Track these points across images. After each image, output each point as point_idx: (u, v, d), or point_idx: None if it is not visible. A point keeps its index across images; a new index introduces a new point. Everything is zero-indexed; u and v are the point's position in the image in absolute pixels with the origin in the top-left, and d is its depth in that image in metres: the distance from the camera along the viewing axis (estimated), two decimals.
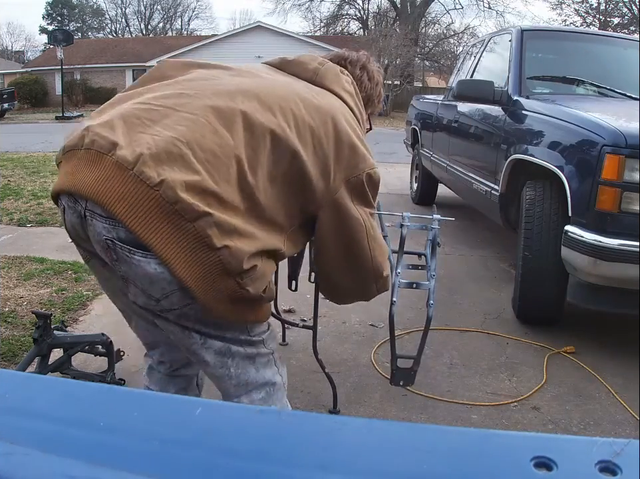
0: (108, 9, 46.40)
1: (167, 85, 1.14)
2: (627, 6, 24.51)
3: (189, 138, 0.99)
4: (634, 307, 2.31)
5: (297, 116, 1.11)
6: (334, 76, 1.29)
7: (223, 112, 1.04)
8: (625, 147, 2.24)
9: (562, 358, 2.54)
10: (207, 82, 1.14)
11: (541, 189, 2.74)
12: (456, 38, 27.67)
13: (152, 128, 1.00)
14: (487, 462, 0.37)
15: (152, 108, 1.04)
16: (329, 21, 33.13)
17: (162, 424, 0.42)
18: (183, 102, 1.05)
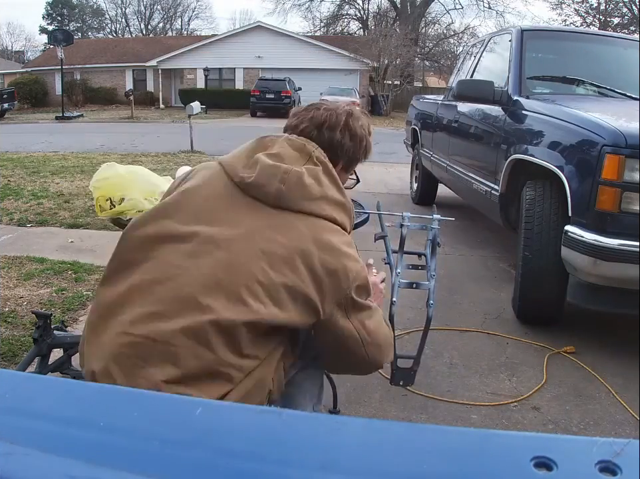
0: (108, 9, 46.47)
1: (131, 292, 1.10)
2: (627, 6, 24.53)
3: (174, 376, 1.01)
4: (634, 307, 2.31)
5: (268, 284, 1.06)
6: (299, 192, 1.13)
7: (195, 330, 1.03)
8: (625, 147, 2.24)
9: (562, 358, 2.54)
10: (165, 289, 1.07)
11: (541, 189, 2.74)
12: (456, 38, 27.71)
13: (145, 369, 1.03)
14: (487, 462, 0.37)
15: (136, 341, 1.04)
16: (329, 21, 33.19)
17: (162, 424, 0.42)
18: (154, 332, 1.04)
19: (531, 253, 2.68)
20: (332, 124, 1.27)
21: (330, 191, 1.18)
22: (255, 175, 1.13)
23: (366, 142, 1.35)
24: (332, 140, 1.27)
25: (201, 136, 10.47)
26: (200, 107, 9.93)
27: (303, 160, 1.18)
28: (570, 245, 2.42)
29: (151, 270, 1.09)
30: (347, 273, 1.13)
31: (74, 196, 5.47)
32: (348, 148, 1.30)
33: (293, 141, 1.21)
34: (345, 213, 1.21)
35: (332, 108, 1.31)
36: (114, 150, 9.93)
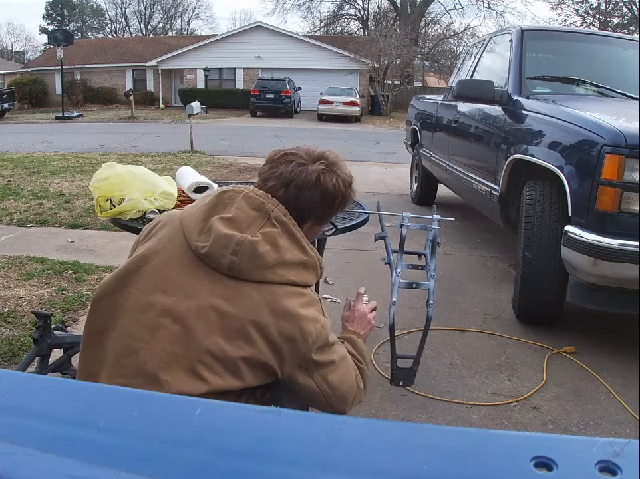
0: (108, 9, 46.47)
1: (103, 362, 1.12)
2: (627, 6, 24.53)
3: None
4: (634, 307, 2.31)
5: (224, 358, 1.07)
6: (252, 263, 1.11)
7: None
8: (625, 147, 2.24)
9: (562, 358, 2.54)
10: (131, 362, 1.09)
11: (541, 189, 2.74)
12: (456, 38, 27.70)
13: None
14: (487, 462, 0.37)
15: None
16: (329, 21, 33.17)
17: (162, 424, 0.42)
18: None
19: (531, 253, 2.68)
20: (301, 182, 1.19)
21: (289, 253, 1.14)
22: (207, 246, 1.12)
23: (340, 198, 1.24)
24: (299, 199, 1.19)
25: (201, 136, 10.47)
26: (200, 107, 9.93)
27: (261, 221, 1.14)
28: (570, 245, 2.42)
29: (118, 341, 1.12)
30: (306, 337, 1.12)
31: (74, 196, 5.47)
32: (316, 207, 1.21)
33: (251, 198, 1.16)
34: (307, 270, 1.17)
35: (305, 163, 1.21)
36: (114, 150, 9.93)
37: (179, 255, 1.15)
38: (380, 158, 9.83)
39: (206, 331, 1.08)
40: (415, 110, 6.11)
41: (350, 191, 1.27)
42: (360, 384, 1.27)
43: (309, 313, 1.13)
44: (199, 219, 1.17)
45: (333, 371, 1.18)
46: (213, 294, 1.11)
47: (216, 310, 1.09)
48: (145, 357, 1.08)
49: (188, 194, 2.20)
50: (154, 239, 1.21)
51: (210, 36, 27.29)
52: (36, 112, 21.72)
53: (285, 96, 20.07)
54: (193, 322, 1.09)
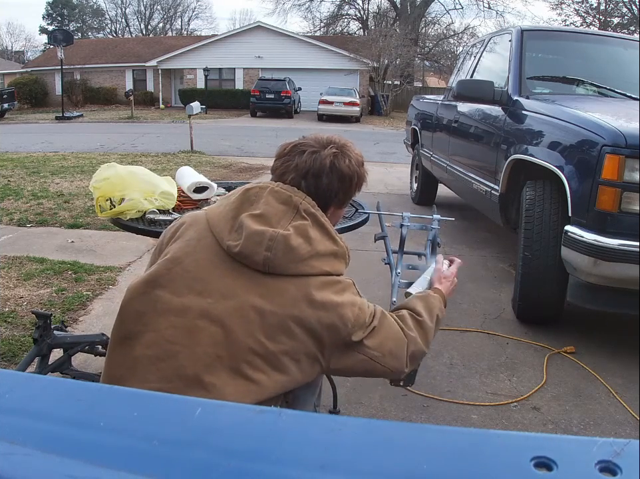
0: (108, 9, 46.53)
1: (134, 366, 1.12)
2: (627, 6, 24.53)
3: None
4: (634, 307, 2.31)
5: (267, 354, 1.08)
6: (287, 257, 1.11)
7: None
8: (625, 147, 2.24)
9: (562, 358, 2.54)
10: (168, 366, 1.08)
11: (541, 189, 2.74)
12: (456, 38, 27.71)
13: None
14: (487, 462, 0.37)
15: None
16: (329, 21, 33.17)
17: (162, 424, 0.42)
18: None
19: (531, 253, 2.68)
20: (317, 170, 1.21)
21: (321, 244, 1.16)
22: (240, 244, 1.12)
23: (357, 178, 1.27)
24: (319, 186, 1.21)
25: (201, 136, 10.47)
26: (200, 107, 9.93)
27: (291, 214, 1.15)
28: (570, 245, 2.42)
29: (151, 345, 1.11)
30: (345, 322, 1.14)
31: (74, 196, 5.47)
32: (338, 191, 1.24)
33: (278, 193, 1.17)
34: (338, 259, 1.19)
35: (317, 150, 1.22)
36: (114, 150, 9.93)
37: (210, 255, 1.15)
38: (380, 158, 9.83)
39: (246, 330, 1.08)
40: (415, 110, 6.11)
41: (364, 170, 1.29)
42: (411, 333, 1.26)
43: (345, 299, 1.15)
44: (227, 218, 1.17)
45: (373, 336, 1.20)
46: (250, 292, 1.11)
47: (254, 308, 1.09)
48: (184, 361, 1.08)
49: (188, 194, 2.20)
50: (180, 241, 1.20)
51: (210, 36, 27.28)
52: (36, 112, 21.73)
53: (285, 96, 20.07)
54: (232, 322, 1.09)
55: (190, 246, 1.18)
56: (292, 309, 1.10)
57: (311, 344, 1.12)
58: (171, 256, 1.18)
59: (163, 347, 1.10)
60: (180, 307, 1.11)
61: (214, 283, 1.13)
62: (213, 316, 1.10)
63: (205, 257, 1.15)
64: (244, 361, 1.07)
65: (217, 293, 1.11)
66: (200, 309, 1.10)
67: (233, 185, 2.47)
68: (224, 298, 1.11)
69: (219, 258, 1.15)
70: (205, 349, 1.08)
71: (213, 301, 1.11)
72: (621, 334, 2.82)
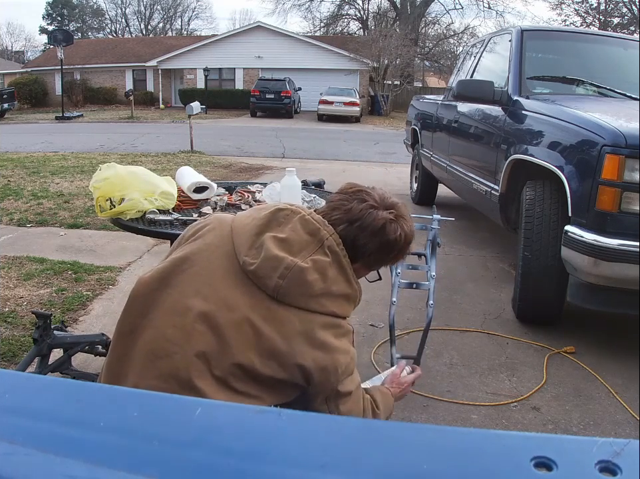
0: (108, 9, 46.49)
1: (134, 359, 1.14)
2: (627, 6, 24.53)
3: None
4: (634, 307, 2.31)
5: (255, 374, 1.09)
6: (299, 289, 1.10)
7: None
8: (625, 147, 2.24)
9: (562, 358, 2.54)
10: (164, 365, 1.10)
11: (541, 189, 2.74)
12: (456, 38, 27.72)
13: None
14: (487, 462, 0.37)
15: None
16: (329, 21, 33.17)
17: (162, 424, 0.42)
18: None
19: (531, 253, 2.68)
20: (366, 224, 1.18)
21: (336, 285, 1.14)
22: (256, 264, 1.11)
23: (397, 252, 1.24)
24: (358, 240, 1.18)
25: (201, 136, 10.47)
26: (200, 107, 9.93)
27: (314, 247, 1.13)
28: (570, 245, 2.42)
29: (151, 342, 1.12)
30: (337, 368, 1.13)
31: (74, 196, 5.47)
32: (373, 253, 1.20)
33: (308, 222, 1.15)
34: (348, 302, 1.18)
35: (376, 207, 1.19)
36: (114, 150, 9.93)
37: (225, 264, 1.15)
38: (380, 158, 9.83)
39: (240, 345, 1.08)
40: (415, 110, 6.11)
41: (408, 249, 1.26)
42: (369, 416, 1.28)
43: (342, 345, 1.14)
44: (251, 234, 1.16)
45: (347, 401, 1.20)
46: (254, 311, 1.10)
47: (254, 327, 1.09)
48: (178, 362, 1.09)
49: (188, 194, 2.20)
50: (200, 241, 1.20)
51: (210, 36, 27.28)
52: (36, 112, 21.72)
53: (285, 96, 20.07)
54: (230, 335, 1.09)
55: (209, 250, 1.17)
56: (290, 341, 1.09)
57: (299, 378, 1.12)
58: (186, 255, 1.18)
59: (161, 345, 1.11)
60: (184, 308, 1.12)
61: (221, 292, 1.12)
62: (213, 323, 1.10)
63: (219, 265, 1.15)
64: (231, 374, 1.08)
65: (222, 303, 1.11)
66: (201, 313, 1.10)
67: (233, 185, 2.47)
68: (228, 309, 1.11)
69: (233, 270, 1.14)
70: (198, 354, 1.08)
71: (216, 308, 1.11)
72: (621, 334, 2.82)
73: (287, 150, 10.40)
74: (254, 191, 2.36)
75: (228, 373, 1.08)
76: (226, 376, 1.08)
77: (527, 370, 2.41)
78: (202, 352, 1.08)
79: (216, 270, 1.14)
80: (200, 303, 1.11)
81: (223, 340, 1.09)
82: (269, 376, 1.09)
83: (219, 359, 1.08)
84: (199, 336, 1.09)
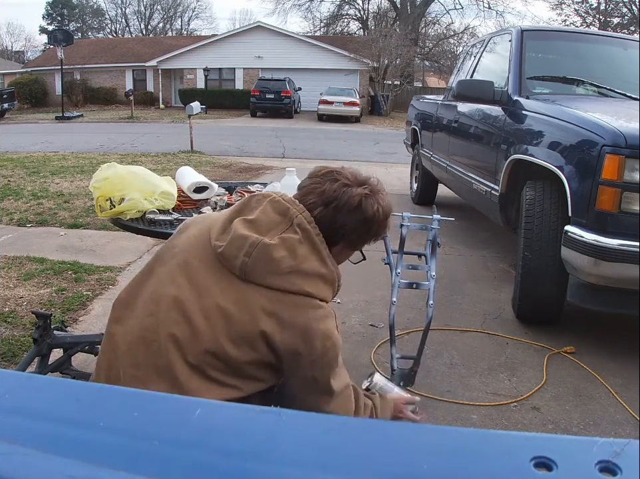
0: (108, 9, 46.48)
1: (121, 347, 1.15)
2: (627, 6, 24.52)
3: None
4: (634, 307, 2.31)
5: (228, 360, 1.08)
6: (265, 266, 1.08)
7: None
8: (625, 147, 2.23)
9: (562, 358, 2.54)
10: (143, 354, 1.12)
11: (541, 189, 2.74)
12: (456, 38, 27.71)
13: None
14: (487, 462, 0.37)
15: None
16: (329, 21, 33.17)
17: (162, 424, 0.42)
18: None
19: (531, 253, 2.68)
20: (342, 204, 1.15)
21: (307, 263, 1.10)
22: (224, 246, 1.11)
23: (377, 227, 1.20)
24: (336, 220, 1.15)
25: (201, 136, 10.47)
26: (200, 107, 9.93)
27: (284, 226, 1.12)
28: (570, 245, 2.42)
29: (131, 331, 1.14)
30: (310, 352, 1.09)
31: (74, 196, 5.47)
32: (352, 231, 1.17)
33: (278, 203, 1.14)
34: (325, 283, 1.13)
35: (349, 185, 1.17)
36: (114, 150, 9.93)
37: (202, 253, 1.16)
38: (380, 158, 9.83)
39: (210, 333, 1.08)
40: (415, 110, 6.11)
41: (387, 223, 1.23)
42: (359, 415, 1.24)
43: (320, 327, 1.10)
44: (224, 220, 1.17)
45: (332, 401, 1.15)
46: (225, 296, 1.10)
47: (223, 312, 1.08)
48: (155, 351, 1.10)
49: (188, 194, 2.20)
50: (183, 235, 1.23)
51: (210, 36, 27.27)
52: (36, 112, 21.72)
53: (285, 96, 20.06)
54: (199, 321, 1.09)
55: (189, 242, 1.19)
56: (259, 322, 1.07)
57: (272, 358, 1.10)
58: (169, 248, 1.21)
59: (140, 334, 1.12)
60: (159, 297, 1.13)
61: (195, 279, 1.13)
62: (185, 311, 1.10)
63: (196, 254, 1.16)
64: (204, 361, 1.08)
65: (194, 290, 1.12)
66: (175, 301, 1.11)
67: (233, 185, 2.47)
68: (199, 296, 1.11)
69: (208, 257, 1.15)
70: (172, 341, 1.09)
71: (189, 296, 1.11)
72: (621, 334, 2.82)
73: (287, 150, 10.41)
74: (254, 191, 2.36)
75: (201, 360, 1.07)
76: (200, 364, 1.07)
77: (527, 370, 2.41)
78: (175, 340, 1.09)
79: (193, 259, 1.16)
80: (174, 290, 1.12)
81: (194, 327, 1.09)
82: (243, 362, 1.08)
83: (191, 346, 1.08)
84: (172, 324, 1.10)
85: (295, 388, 1.15)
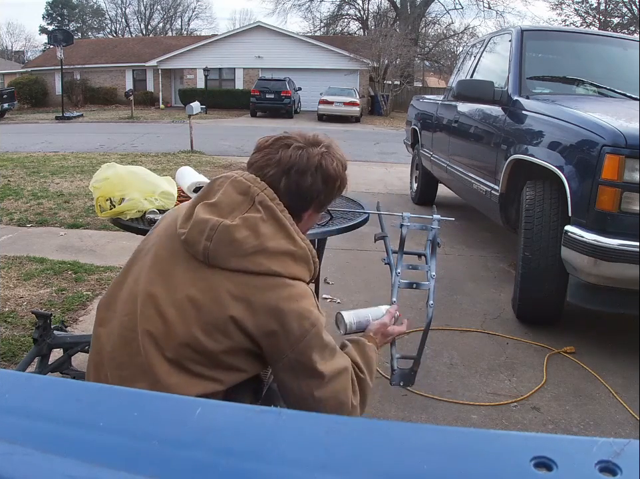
0: (108, 9, 46.50)
1: (106, 349, 1.16)
2: (627, 6, 24.51)
3: None
4: (634, 307, 2.31)
5: (204, 352, 1.05)
6: (227, 249, 1.04)
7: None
8: (625, 147, 2.24)
9: (562, 358, 2.54)
10: (124, 354, 1.11)
11: (541, 189, 2.74)
12: (456, 38, 27.70)
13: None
14: (487, 462, 0.37)
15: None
16: (329, 21, 33.17)
17: (162, 424, 0.42)
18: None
19: (531, 253, 2.68)
20: (303, 167, 1.11)
21: (273, 241, 1.06)
22: (186, 232, 1.08)
23: (340, 181, 1.18)
24: (302, 185, 1.11)
25: (201, 136, 10.47)
26: (200, 107, 9.93)
27: (246, 206, 1.08)
28: (570, 245, 2.42)
29: (112, 333, 1.14)
30: (288, 333, 1.04)
31: (74, 196, 5.47)
32: (319, 193, 1.14)
33: (239, 183, 1.10)
34: (296, 262, 1.09)
35: (303, 147, 1.13)
36: (114, 150, 9.93)
37: (170, 245, 1.13)
38: (380, 158, 9.83)
39: (183, 324, 1.05)
40: (415, 110, 6.11)
41: (346, 174, 1.21)
42: (354, 402, 1.15)
43: (293, 307, 1.05)
44: (188, 207, 1.14)
45: (323, 386, 1.09)
46: (193, 285, 1.07)
47: (193, 302, 1.05)
48: (135, 349, 1.09)
49: (188, 194, 2.20)
50: (155, 231, 1.23)
51: (210, 36, 27.27)
52: (36, 112, 21.71)
53: (285, 96, 20.06)
54: (171, 314, 1.06)
55: (159, 235, 1.18)
56: (227, 308, 1.03)
57: (249, 344, 1.06)
58: (142, 246, 1.21)
59: (119, 334, 1.12)
60: (134, 294, 1.13)
61: (166, 273, 1.11)
62: (158, 306, 1.08)
63: (165, 246, 1.14)
64: (182, 355, 1.05)
65: (165, 283, 1.09)
66: (148, 297, 1.09)
67: None
68: (170, 288, 1.08)
69: (175, 248, 1.12)
70: (149, 337, 1.07)
71: (161, 290, 1.09)
72: (621, 334, 2.82)
73: None
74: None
75: (179, 354, 1.05)
76: (178, 358, 1.05)
77: (527, 370, 2.41)
78: (151, 336, 1.07)
79: (162, 251, 1.14)
80: (148, 286, 1.11)
81: (167, 321, 1.06)
82: (220, 351, 1.05)
83: (166, 341, 1.06)
84: (147, 321, 1.08)
85: (283, 376, 1.10)
